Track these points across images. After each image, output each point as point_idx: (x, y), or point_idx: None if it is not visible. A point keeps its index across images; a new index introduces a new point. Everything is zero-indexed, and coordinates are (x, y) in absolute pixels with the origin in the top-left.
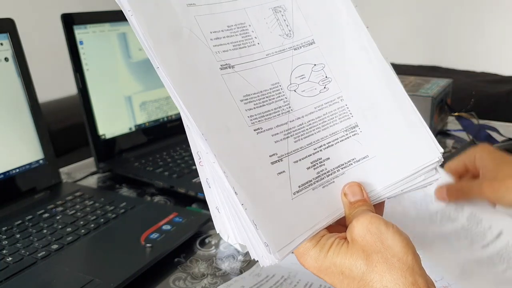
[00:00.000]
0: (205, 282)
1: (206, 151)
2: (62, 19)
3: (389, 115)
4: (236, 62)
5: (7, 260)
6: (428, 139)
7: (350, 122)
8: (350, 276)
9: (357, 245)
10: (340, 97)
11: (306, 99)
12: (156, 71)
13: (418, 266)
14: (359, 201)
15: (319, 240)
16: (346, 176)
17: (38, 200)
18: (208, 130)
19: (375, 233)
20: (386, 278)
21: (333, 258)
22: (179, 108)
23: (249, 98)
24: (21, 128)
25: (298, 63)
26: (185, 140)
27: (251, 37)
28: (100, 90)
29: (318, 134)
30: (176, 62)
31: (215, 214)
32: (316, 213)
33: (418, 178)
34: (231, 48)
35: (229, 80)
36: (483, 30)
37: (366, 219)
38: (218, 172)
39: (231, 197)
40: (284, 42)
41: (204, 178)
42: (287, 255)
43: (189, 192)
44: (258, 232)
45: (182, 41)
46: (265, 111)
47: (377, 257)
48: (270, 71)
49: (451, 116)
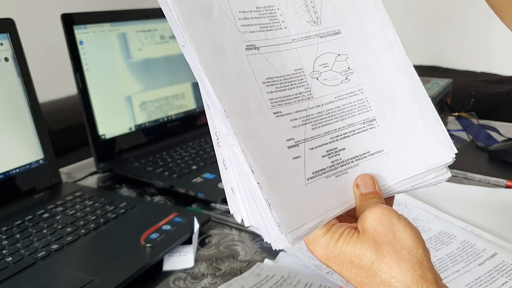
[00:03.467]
0: (205, 282)
1: (227, 132)
2: (62, 19)
3: (407, 112)
4: (261, 44)
5: (7, 260)
6: (444, 139)
7: (369, 115)
8: (359, 265)
9: (368, 235)
10: (360, 89)
11: (327, 88)
12: (181, 49)
13: (427, 260)
14: (370, 193)
15: (329, 228)
16: (360, 168)
17: (38, 200)
18: (230, 109)
19: (387, 225)
20: (395, 270)
21: (343, 246)
22: (201, 87)
23: (271, 81)
24: (21, 128)
25: (322, 51)
26: (185, 140)
27: (278, 20)
28: (100, 90)
29: (336, 124)
30: (204, 39)
31: (229, 195)
32: (328, 201)
33: (430, 176)
34: (258, 29)
35: (254, 61)
36: (483, 30)
37: (379, 210)
38: (236, 152)
39: (247, 177)
40: (310, 29)
41: (221, 159)
42: (299, 239)
43: (189, 192)
44: (272, 212)
45: (211, 18)
46: (286, 96)
47: (387, 248)
48: (294, 57)
49: (451, 116)
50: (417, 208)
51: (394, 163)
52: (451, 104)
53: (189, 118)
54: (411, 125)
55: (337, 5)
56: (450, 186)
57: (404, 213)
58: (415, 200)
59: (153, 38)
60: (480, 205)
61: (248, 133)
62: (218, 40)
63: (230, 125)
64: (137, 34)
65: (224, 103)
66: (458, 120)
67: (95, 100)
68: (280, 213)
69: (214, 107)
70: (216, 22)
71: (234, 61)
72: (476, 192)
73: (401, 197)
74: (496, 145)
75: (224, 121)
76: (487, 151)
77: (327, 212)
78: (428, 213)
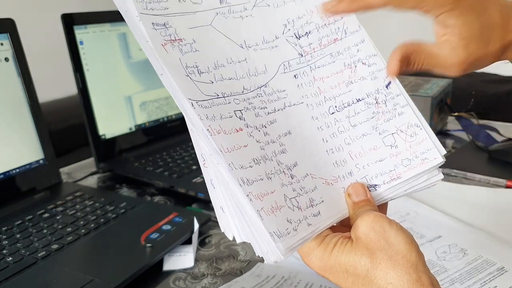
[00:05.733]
0: (205, 282)
1: (210, 152)
2: (62, 19)
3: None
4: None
5: (7, 260)
6: (430, 140)
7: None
8: (355, 274)
9: (361, 243)
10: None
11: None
12: (160, 77)
13: (422, 264)
14: (362, 201)
15: (323, 239)
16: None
17: (38, 200)
18: (212, 129)
19: (379, 231)
20: (391, 275)
21: (338, 256)
22: (183, 112)
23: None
24: (21, 128)
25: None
26: (185, 140)
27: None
28: (100, 90)
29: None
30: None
31: (219, 214)
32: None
33: (421, 179)
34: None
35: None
36: None
37: (370, 218)
38: (221, 170)
39: (234, 195)
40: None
41: (208, 179)
42: (291, 249)
43: (189, 192)
44: (264, 222)
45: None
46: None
47: (381, 255)
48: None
49: (451, 116)
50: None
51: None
52: (451, 104)
53: None
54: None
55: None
56: (450, 186)
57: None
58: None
59: None
60: (480, 205)
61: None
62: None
63: (214, 143)
64: None
65: (205, 123)
66: (458, 120)
67: (95, 100)
68: (273, 223)
69: (196, 128)
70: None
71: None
72: (476, 192)
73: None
74: (496, 145)
75: (207, 140)
76: (487, 151)
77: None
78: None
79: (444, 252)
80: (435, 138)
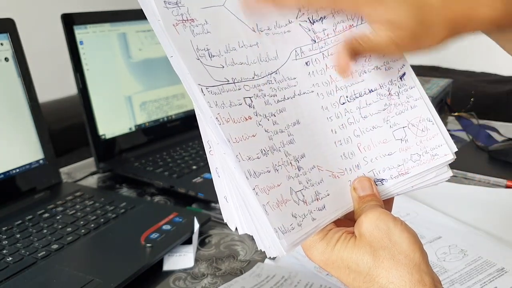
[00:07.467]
0: (205, 282)
1: (217, 141)
2: (62, 19)
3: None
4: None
5: (7, 260)
6: (442, 136)
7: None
8: (357, 270)
9: (364, 240)
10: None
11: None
12: (170, 60)
13: (425, 264)
14: (368, 196)
15: (326, 233)
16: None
17: (38, 200)
18: (221, 117)
19: (383, 229)
20: (393, 274)
21: (340, 252)
22: (192, 97)
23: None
24: (21, 128)
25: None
26: (185, 140)
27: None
28: (100, 90)
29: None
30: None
31: (223, 203)
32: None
33: (430, 175)
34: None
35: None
36: None
37: (375, 215)
38: (228, 161)
39: (239, 186)
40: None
41: (213, 167)
42: (294, 245)
43: (189, 192)
44: (269, 217)
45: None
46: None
47: (384, 253)
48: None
49: (451, 116)
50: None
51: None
52: (451, 104)
53: (189, 118)
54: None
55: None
56: (450, 186)
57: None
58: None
59: (153, 38)
60: (480, 205)
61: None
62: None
63: (222, 132)
64: (137, 34)
65: (214, 111)
66: (458, 120)
67: (95, 100)
68: (277, 218)
69: (204, 116)
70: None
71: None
72: (476, 192)
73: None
74: (496, 145)
75: (215, 129)
76: (487, 151)
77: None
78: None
79: (444, 253)
80: (447, 134)
